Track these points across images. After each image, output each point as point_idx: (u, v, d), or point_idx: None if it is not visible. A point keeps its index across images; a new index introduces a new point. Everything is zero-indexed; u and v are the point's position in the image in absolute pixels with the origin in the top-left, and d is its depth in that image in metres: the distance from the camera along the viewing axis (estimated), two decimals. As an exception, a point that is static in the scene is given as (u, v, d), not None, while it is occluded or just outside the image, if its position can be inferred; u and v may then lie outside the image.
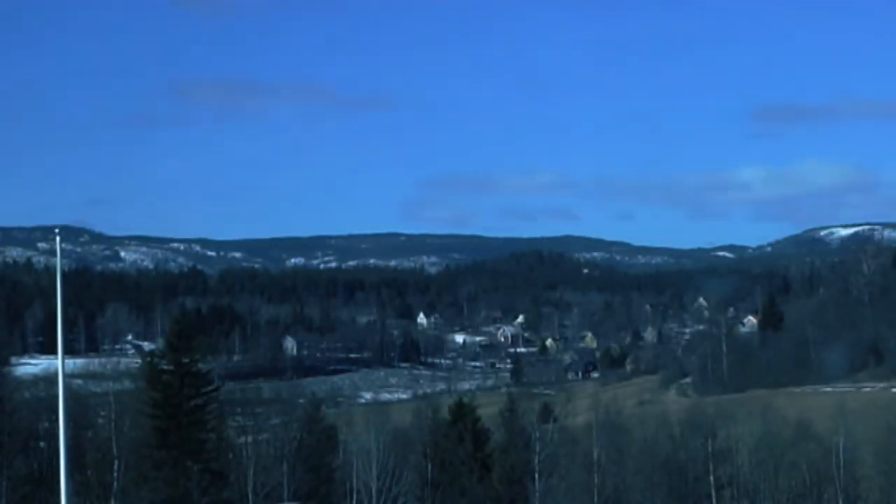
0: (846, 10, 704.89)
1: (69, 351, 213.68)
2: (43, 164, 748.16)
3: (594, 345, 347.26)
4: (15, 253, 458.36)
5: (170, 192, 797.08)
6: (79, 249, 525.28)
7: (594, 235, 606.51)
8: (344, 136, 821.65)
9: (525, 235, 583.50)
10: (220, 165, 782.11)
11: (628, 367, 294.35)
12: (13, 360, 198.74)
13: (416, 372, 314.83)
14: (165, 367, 75.84)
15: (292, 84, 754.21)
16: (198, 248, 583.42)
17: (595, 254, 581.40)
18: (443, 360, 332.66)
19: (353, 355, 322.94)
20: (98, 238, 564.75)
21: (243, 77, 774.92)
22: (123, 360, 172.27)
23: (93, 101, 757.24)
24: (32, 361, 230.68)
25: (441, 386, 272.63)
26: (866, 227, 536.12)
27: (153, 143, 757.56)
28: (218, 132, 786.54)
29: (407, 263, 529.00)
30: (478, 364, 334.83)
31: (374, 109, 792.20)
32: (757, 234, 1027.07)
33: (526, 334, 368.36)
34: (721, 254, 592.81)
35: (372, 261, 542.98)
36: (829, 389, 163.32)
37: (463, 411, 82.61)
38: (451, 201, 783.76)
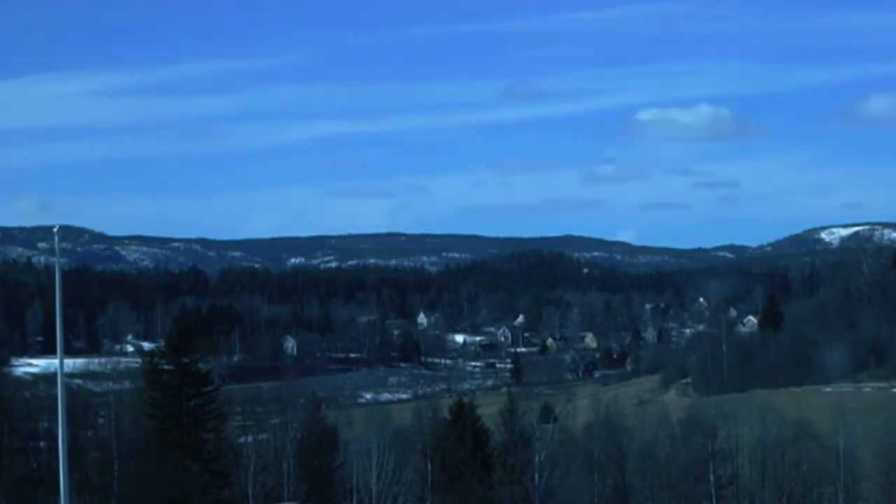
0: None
1: (69, 351, 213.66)
2: (44, 163, 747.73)
3: (594, 345, 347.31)
4: (15, 253, 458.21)
5: (170, 191, 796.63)
6: (79, 249, 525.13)
7: (594, 235, 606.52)
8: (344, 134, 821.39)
9: (525, 235, 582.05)
10: (219, 164, 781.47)
11: (628, 367, 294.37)
12: (13, 360, 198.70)
13: (416, 372, 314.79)
14: (165, 367, 75.92)
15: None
16: (198, 247, 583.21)
17: (595, 254, 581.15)
18: (443, 360, 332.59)
19: (353, 355, 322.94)
20: (98, 238, 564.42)
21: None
22: (123, 360, 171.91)
23: (92, 100, 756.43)
24: (32, 361, 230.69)
25: (441, 386, 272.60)
26: (866, 227, 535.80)
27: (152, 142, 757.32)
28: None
29: (407, 263, 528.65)
30: (478, 364, 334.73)
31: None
32: (757, 234, 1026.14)
33: (526, 334, 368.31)
34: (721, 254, 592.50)
35: (372, 261, 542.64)
36: (829, 389, 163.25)
37: (463, 411, 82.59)
38: (450, 201, 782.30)
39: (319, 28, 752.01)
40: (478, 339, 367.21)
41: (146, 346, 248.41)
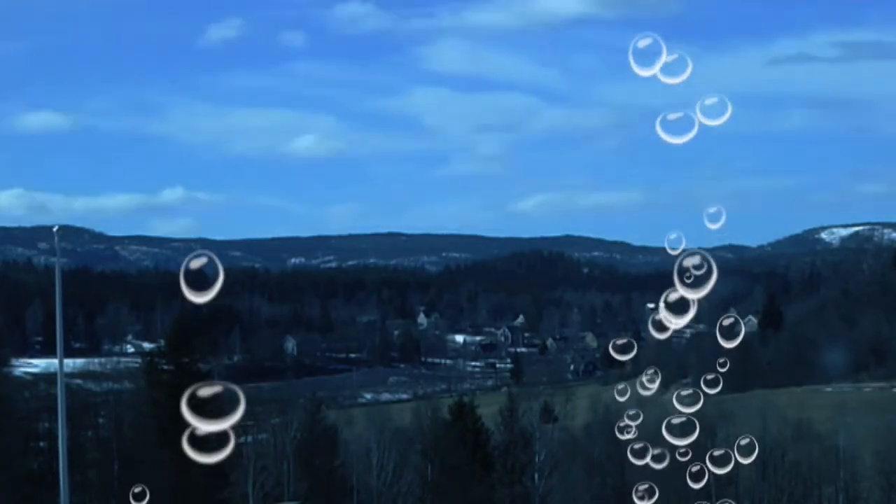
0: None
1: (69, 351, 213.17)
2: (44, 163, 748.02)
3: (594, 345, 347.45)
4: (15, 253, 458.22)
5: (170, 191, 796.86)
6: (79, 249, 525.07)
7: (594, 235, 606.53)
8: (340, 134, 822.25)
9: (525, 235, 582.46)
10: (218, 164, 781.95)
11: (628, 368, 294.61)
12: (13, 360, 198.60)
13: (416, 372, 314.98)
14: (165, 367, 75.95)
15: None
16: (198, 248, 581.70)
17: (595, 254, 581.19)
18: (443, 360, 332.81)
19: (353, 355, 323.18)
20: (98, 238, 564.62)
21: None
22: (123, 360, 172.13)
23: (93, 98, 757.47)
24: (32, 361, 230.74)
25: (441, 386, 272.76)
26: (866, 227, 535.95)
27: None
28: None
29: (407, 263, 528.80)
30: (478, 364, 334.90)
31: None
32: (757, 234, 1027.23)
33: (526, 334, 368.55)
34: (721, 254, 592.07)
35: (372, 261, 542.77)
36: (829, 389, 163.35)
37: (463, 411, 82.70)
38: (452, 200, 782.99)
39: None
40: (478, 339, 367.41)
41: (146, 346, 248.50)
